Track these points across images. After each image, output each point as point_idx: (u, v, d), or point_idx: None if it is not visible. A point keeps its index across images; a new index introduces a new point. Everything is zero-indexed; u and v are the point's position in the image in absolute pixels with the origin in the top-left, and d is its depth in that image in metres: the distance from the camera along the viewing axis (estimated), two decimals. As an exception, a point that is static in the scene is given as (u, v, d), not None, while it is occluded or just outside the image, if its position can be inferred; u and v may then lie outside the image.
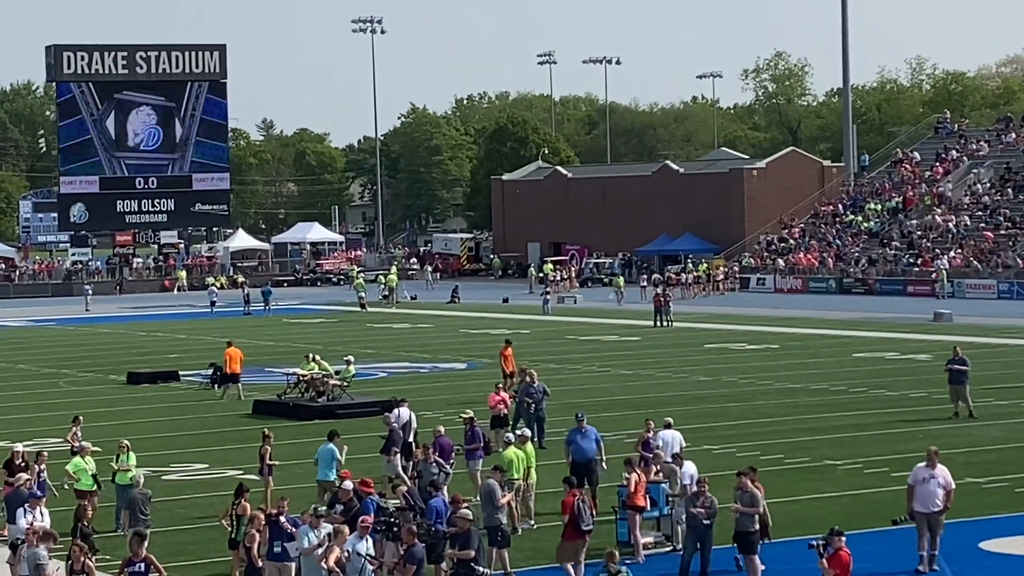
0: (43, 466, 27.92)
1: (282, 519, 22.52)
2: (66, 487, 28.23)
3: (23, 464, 28.05)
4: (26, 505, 23.99)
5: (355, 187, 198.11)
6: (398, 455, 30.52)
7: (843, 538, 20.16)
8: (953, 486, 24.59)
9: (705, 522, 23.55)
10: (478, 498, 25.26)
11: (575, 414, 29.70)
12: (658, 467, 27.17)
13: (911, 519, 24.34)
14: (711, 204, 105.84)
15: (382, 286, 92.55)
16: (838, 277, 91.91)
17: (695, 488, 24.20)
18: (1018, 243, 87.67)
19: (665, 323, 70.40)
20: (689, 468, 26.04)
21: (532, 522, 27.62)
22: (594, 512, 24.60)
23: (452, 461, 29.08)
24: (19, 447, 28.94)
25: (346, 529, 21.48)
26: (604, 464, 28.93)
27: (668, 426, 29.17)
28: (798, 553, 22.74)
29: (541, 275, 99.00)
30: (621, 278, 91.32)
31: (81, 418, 32.83)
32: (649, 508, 25.56)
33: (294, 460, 33.00)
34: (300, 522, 22.33)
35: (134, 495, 25.86)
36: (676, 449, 27.77)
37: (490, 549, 23.57)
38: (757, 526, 23.53)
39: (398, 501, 24.30)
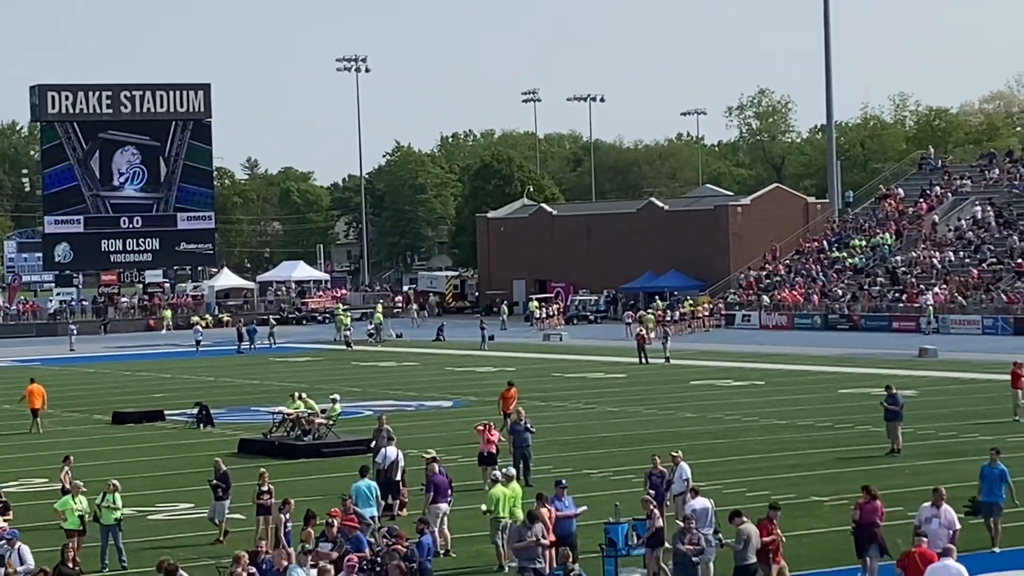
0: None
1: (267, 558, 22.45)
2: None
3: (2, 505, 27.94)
4: (4, 543, 23.91)
5: (340, 225, 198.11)
6: (225, 499, 30.24)
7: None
8: (958, 526, 24.15)
9: (693, 559, 23.49)
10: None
11: (556, 480, 28.40)
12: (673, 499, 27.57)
13: None
14: (696, 241, 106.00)
15: (370, 326, 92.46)
16: (823, 313, 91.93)
17: (682, 524, 24.17)
18: (1003, 279, 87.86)
19: (665, 359, 70.06)
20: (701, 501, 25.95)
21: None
22: None
23: (450, 499, 29.14)
24: None
25: (331, 568, 21.42)
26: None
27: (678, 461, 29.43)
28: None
29: (503, 314, 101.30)
30: (651, 314, 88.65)
31: (72, 458, 32.76)
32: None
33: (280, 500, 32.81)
34: (273, 562, 22.30)
35: None
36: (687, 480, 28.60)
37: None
38: (753, 559, 23.43)
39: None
